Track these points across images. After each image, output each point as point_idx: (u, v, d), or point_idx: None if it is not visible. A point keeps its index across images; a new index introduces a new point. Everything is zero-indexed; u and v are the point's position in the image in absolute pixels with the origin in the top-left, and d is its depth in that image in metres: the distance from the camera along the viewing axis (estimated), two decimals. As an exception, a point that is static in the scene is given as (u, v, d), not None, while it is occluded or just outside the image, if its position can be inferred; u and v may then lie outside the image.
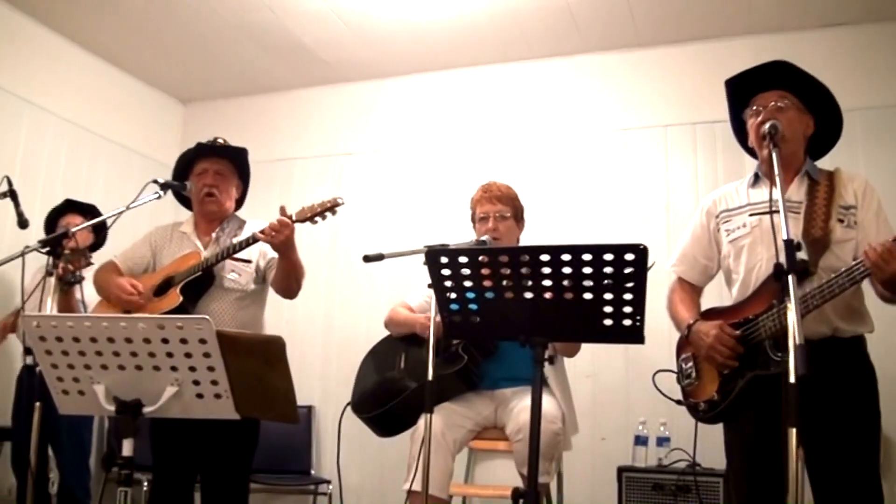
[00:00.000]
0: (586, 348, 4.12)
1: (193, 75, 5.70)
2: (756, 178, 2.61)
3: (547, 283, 1.94)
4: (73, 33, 5.12)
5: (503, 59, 5.22)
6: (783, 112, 2.48)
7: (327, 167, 5.68)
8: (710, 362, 2.46)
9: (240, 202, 3.47)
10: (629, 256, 1.87)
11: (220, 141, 3.32)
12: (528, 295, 1.97)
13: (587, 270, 1.90)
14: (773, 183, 2.18)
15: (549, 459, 2.71)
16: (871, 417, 2.36)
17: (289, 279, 3.05)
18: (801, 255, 2.30)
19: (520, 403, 2.82)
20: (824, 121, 2.59)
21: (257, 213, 5.55)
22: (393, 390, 2.94)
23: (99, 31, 5.08)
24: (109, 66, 5.53)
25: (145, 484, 4.30)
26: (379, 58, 5.27)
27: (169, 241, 3.29)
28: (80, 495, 3.85)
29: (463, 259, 1.96)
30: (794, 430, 1.77)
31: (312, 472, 5.09)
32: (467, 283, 2.01)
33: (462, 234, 3.44)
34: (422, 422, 2.62)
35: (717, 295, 2.88)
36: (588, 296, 1.95)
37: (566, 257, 1.89)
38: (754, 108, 2.54)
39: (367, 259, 2.59)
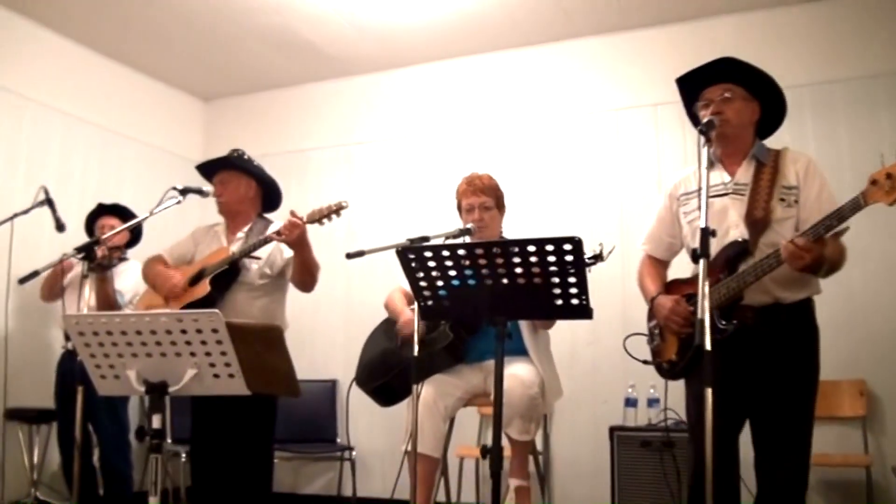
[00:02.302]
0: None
1: (212, 75, 6.08)
2: (710, 163, 2.86)
3: (502, 271, 2.26)
4: (98, 44, 5.52)
5: (497, 47, 5.53)
6: (729, 103, 2.72)
7: (339, 156, 6.05)
8: (668, 330, 2.78)
9: (270, 197, 3.77)
10: (567, 247, 2.18)
11: (237, 153, 3.67)
12: (488, 282, 2.30)
13: (534, 259, 2.22)
14: (701, 169, 2.41)
15: (528, 420, 3.06)
16: (808, 370, 2.64)
17: (303, 274, 3.42)
18: (744, 234, 2.61)
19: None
20: (770, 105, 2.82)
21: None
22: (390, 365, 3.30)
23: (122, 40, 5.47)
24: (134, 72, 5.93)
25: (183, 456, 4.76)
26: (381, 51, 5.61)
27: (205, 238, 3.71)
28: (121, 466, 4.27)
29: (429, 254, 2.29)
30: (709, 390, 2.09)
31: (338, 440, 5.49)
32: (435, 274, 2.34)
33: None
34: (419, 390, 3.01)
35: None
36: (537, 280, 2.26)
37: (515, 249, 2.21)
38: (703, 102, 2.78)
39: (349, 256, 2.92)
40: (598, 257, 3.08)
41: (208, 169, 3.68)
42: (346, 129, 6.07)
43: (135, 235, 4.58)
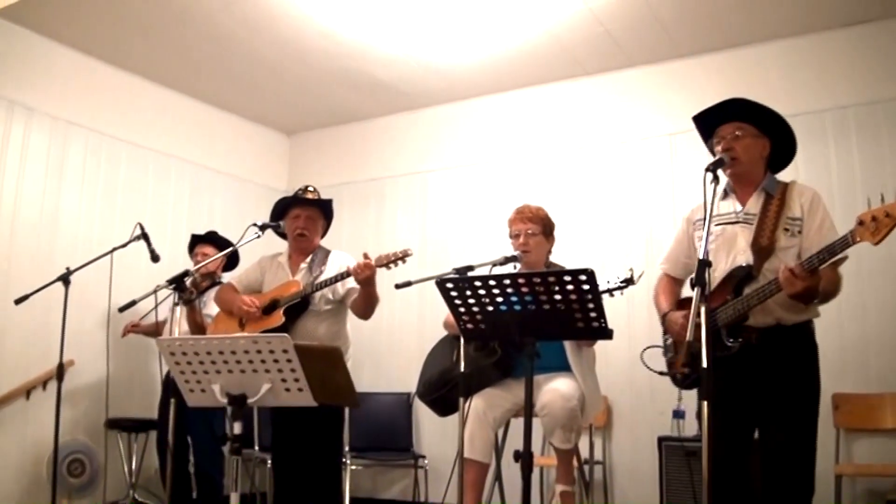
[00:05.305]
0: (647, 333, 4.70)
1: (295, 112, 6.62)
2: (725, 193, 3.11)
3: (529, 298, 2.60)
4: (190, 88, 6.12)
5: (555, 77, 5.87)
6: (739, 140, 2.98)
7: (413, 183, 6.47)
8: (680, 343, 3.04)
9: (323, 234, 4.25)
10: (583, 277, 2.50)
11: (311, 189, 4.13)
12: (517, 308, 2.64)
13: (556, 288, 2.54)
14: (705, 203, 2.66)
15: (569, 430, 3.35)
16: (810, 386, 2.85)
17: (366, 306, 3.89)
18: (749, 260, 2.86)
19: (544, 386, 3.47)
20: (780, 140, 3.07)
21: (356, 227, 6.40)
22: (446, 379, 3.65)
23: (214, 84, 6.04)
24: (223, 112, 6.51)
25: (269, 462, 5.22)
26: (448, 85, 6.02)
27: (270, 267, 4.15)
28: (213, 472, 4.72)
29: (464, 284, 2.65)
30: (705, 402, 2.37)
31: (413, 449, 5.89)
32: (471, 301, 2.69)
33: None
34: (468, 403, 3.38)
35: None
36: (561, 306, 2.59)
37: (537, 280, 2.54)
38: (717, 138, 3.06)
39: (397, 286, 3.30)
40: (629, 281, 3.36)
41: (295, 202, 4.11)
42: (418, 158, 6.49)
43: (231, 260, 5.08)
